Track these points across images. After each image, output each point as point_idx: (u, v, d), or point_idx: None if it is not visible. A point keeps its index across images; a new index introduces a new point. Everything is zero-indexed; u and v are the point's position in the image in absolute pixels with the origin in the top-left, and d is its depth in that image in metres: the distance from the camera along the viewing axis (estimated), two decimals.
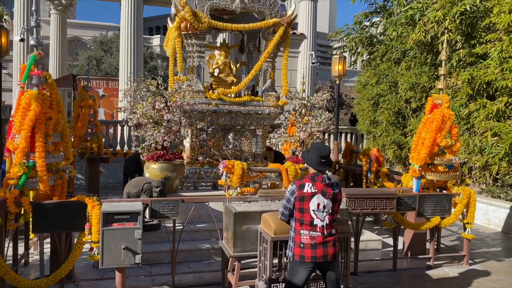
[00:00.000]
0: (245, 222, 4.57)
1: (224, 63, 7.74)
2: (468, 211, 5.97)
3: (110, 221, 4.29)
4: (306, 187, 3.72)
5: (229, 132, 7.23)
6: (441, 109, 5.92)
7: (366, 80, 13.06)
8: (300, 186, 3.72)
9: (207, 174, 7.06)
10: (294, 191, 3.73)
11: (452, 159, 6.01)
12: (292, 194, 3.74)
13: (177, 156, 6.44)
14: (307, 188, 3.72)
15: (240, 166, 5.01)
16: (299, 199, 3.71)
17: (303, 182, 3.76)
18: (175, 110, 6.14)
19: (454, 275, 5.70)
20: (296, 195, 3.71)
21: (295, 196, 3.72)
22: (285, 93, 7.02)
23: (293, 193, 3.74)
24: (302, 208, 3.72)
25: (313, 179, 3.77)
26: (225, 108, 6.98)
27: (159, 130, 5.99)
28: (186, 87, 6.42)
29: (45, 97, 4.48)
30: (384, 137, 12.17)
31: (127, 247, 4.30)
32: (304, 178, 3.81)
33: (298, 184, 3.74)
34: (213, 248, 5.89)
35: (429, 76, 10.46)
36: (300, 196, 3.70)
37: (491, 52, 8.34)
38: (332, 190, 3.86)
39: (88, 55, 27.70)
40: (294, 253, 3.83)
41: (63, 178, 4.71)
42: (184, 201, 4.88)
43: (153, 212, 4.76)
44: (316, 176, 3.80)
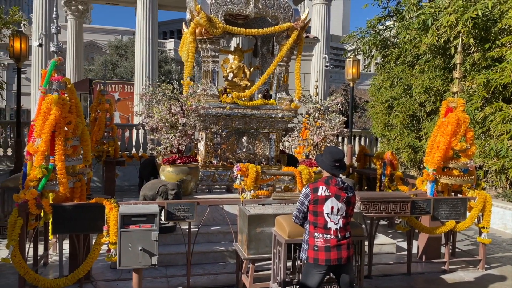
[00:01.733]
0: (259, 225, 4.62)
1: (238, 67, 7.84)
2: (483, 215, 5.93)
3: (127, 223, 4.38)
4: (320, 190, 3.75)
5: (243, 135, 7.30)
6: (456, 112, 5.90)
7: (380, 83, 13.02)
8: (314, 189, 3.76)
9: (221, 177, 7.13)
10: (308, 194, 3.77)
11: (467, 162, 5.97)
12: (306, 197, 3.77)
13: (192, 159, 6.53)
14: (321, 191, 3.75)
15: (254, 169, 5.06)
16: (313, 202, 3.75)
17: (317, 185, 3.79)
18: (190, 114, 6.23)
19: (469, 280, 5.66)
20: (310, 198, 3.75)
21: (309, 199, 3.76)
22: (298, 96, 7.06)
23: (307, 196, 3.77)
24: (316, 211, 3.76)
25: (327, 182, 3.80)
26: (239, 112, 7.05)
27: (174, 133, 6.08)
28: (201, 91, 6.50)
29: (65, 102, 4.60)
30: (399, 140, 12.12)
31: (143, 248, 4.38)
32: (318, 182, 3.85)
33: (312, 187, 3.78)
34: (227, 250, 5.95)
35: (443, 80, 10.40)
36: (314, 199, 3.74)
37: (507, 55, 8.27)
38: (346, 193, 3.90)
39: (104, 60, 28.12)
40: (308, 255, 3.86)
41: (82, 181, 4.83)
42: (199, 204, 4.95)
43: (169, 214, 4.85)
44: (330, 180, 3.83)
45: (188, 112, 6.30)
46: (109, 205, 4.57)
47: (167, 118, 6.12)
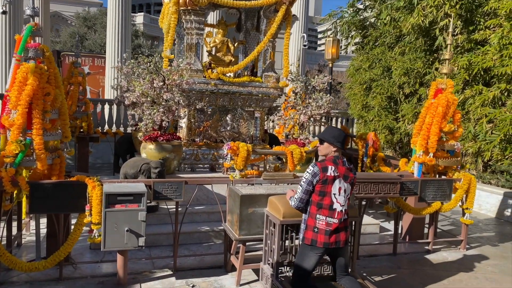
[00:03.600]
0: (251, 205, 4.46)
1: (222, 42, 7.53)
2: (467, 197, 6.00)
3: (113, 202, 4.14)
4: (329, 170, 3.60)
5: (227, 113, 7.06)
6: (445, 94, 5.87)
7: (359, 64, 12.96)
8: (323, 168, 3.60)
9: (204, 156, 6.90)
10: (316, 173, 3.59)
11: (455, 144, 5.99)
12: (314, 176, 3.59)
13: (175, 137, 6.26)
14: (330, 171, 3.60)
15: (245, 148, 4.87)
16: (322, 182, 3.58)
17: (325, 164, 3.63)
18: (173, 89, 5.93)
19: (452, 260, 5.74)
20: (319, 177, 3.58)
21: (318, 178, 3.58)
22: (286, 74, 6.86)
23: (315, 175, 3.59)
24: (323, 191, 3.60)
25: (335, 162, 3.66)
26: (224, 89, 6.80)
27: (157, 109, 5.77)
28: (185, 65, 6.19)
29: (43, 71, 4.23)
30: (376, 121, 12.17)
31: (130, 229, 4.17)
32: (325, 161, 3.69)
33: (321, 166, 3.60)
34: (213, 230, 5.79)
35: (424, 62, 10.42)
36: (324, 179, 3.58)
37: (491, 38, 8.32)
38: (353, 174, 3.79)
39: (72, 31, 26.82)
40: (305, 236, 3.74)
41: (61, 157, 4.50)
42: (187, 183, 4.73)
43: (156, 193, 4.61)
44: (337, 159, 3.69)
45: (171, 87, 5.99)
46: (91, 183, 4.28)
47: (149, 93, 5.80)
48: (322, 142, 3.77)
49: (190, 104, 6.39)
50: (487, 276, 5.21)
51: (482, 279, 5.10)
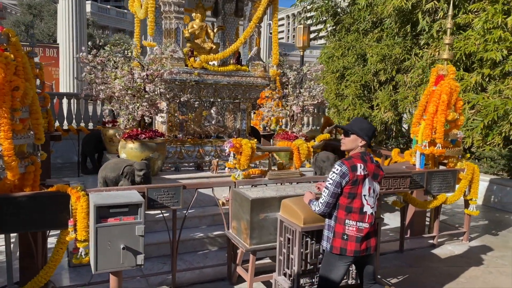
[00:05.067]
0: (262, 211, 3.95)
1: (200, 28, 6.89)
2: (471, 187, 5.79)
3: (105, 215, 3.48)
4: (358, 168, 3.14)
5: (211, 105, 6.46)
6: (447, 80, 5.59)
7: (332, 52, 12.66)
8: (352, 167, 3.13)
9: (189, 153, 6.28)
10: (345, 173, 3.11)
11: (457, 133, 5.75)
12: (343, 176, 3.12)
13: (158, 134, 5.60)
14: (360, 170, 3.14)
15: (249, 146, 4.33)
16: (352, 183, 3.13)
17: (353, 162, 3.16)
18: (157, 80, 5.26)
19: (459, 253, 5.52)
20: (348, 178, 3.11)
21: (347, 179, 3.11)
22: (276, 62, 6.34)
23: (343, 175, 3.12)
24: (354, 193, 3.15)
25: (363, 159, 3.21)
26: (208, 79, 6.18)
27: (140, 103, 5.09)
28: (169, 53, 5.52)
29: (9, 61, 3.46)
30: (351, 110, 11.94)
31: (127, 246, 3.52)
32: (351, 158, 3.23)
33: (349, 165, 3.13)
34: (207, 237, 5.23)
35: (402, 48, 10.23)
36: (354, 179, 3.12)
37: (475, 23, 8.20)
38: (383, 172, 3.37)
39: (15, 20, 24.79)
40: (334, 245, 3.27)
41: (35, 164, 3.76)
42: (186, 187, 4.13)
43: (150, 201, 3.98)
44: (365, 156, 3.25)
45: (153, 77, 5.31)
46: (75, 193, 3.60)
47: (130, 85, 5.10)
48: (348, 134, 3.31)
49: (174, 96, 5.72)
50: (500, 270, 5.01)
51: (496, 273, 4.89)
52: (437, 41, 9.08)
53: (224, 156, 6.44)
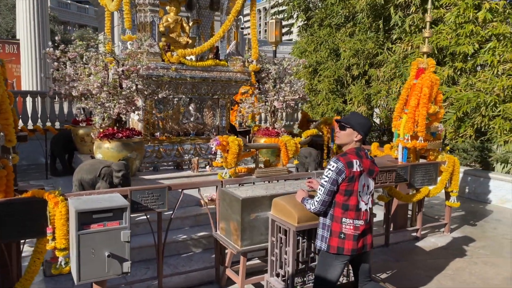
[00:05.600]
0: (253, 210, 3.80)
1: (175, 21, 6.63)
2: (452, 179, 5.85)
3: (87, 222, 3.24)
4: (354, 164, 3.05)
5: (189, 102, 6.23)
6: (428, 74, 5.61)
7: (304, 47, 12.63)
8: (348, 163, 3.03)
9: (167, 152, 6.04)
10: (341, 170, 3.01)
11: (438, 126, 5.79)
12: (339, 173, 3.01)
13: (135, 133, 5.34)
14: (355, 166, 3.05)
15: (236, 143, 4.15)
16: (348, 180, 3.03)
17: (349, 158, 3.06)
18: (134, 76, 4.99)
19: (443, 245, 5.57)
20: (344, 175, 3.01)
21: (343, 176, 3.01)
22: (255, 56, 6.17)
23: (340, 172, 3.01)
24: (350, 190, 3.05)
25: (359, 154, 3.12)
26: (186, 74, 5.94)
27: (117, 101, 4.81)
28: (147, 47, 5.26)
29: None
30: (325, 105, 11.96)
31: (112, 253, 3.30)
32: (347, 154, 3.12)
33: (345, 161, 3.03)
34: (191, 238, 5.03)
35: (375, 43, 10.30)
36: (350, 176, 3.02)
37: (447, 17, 8.31)
38: (378, 168, 3.30)
39: None
40: (330, 244, 3.17)
41: (7, 168, 3.46)
42: (171, 189, 3.93)
43: (134, 204, 3.76)
44: (360, 151, 3.16)
45: (129, 73, 5.05)
46: (53, 199, 3.33)
47: (105, 81, 4.82)
48: (344, 128, 3.20)
49: (152, 93, 5.47)
50: (484, 260, 5.07)
51: (481, 264, 4.95)
52: (410, 35, 9.18)
53: (204, 154, 6.26)
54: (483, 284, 4.42)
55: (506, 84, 7.79)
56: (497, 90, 7.90)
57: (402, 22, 9.21)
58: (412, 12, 9.14)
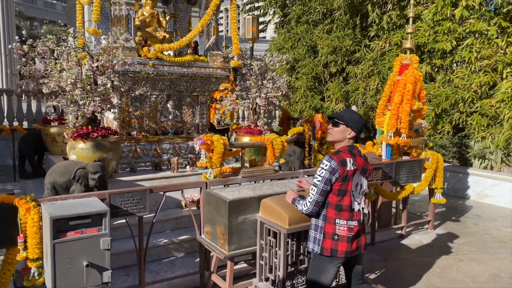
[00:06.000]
0: (241, 213, 3.61)
1: (151, 15, 6.34)
2: (436, 176, 5.82)
3: (64, 229, 2.98)
4: (348, 163, 2.91)
5: (168, 99, 5.98)
6: (412, 70, 5.56)
7: (281, 43, 12.49)
8: (342, 162, 2.89)
9: (145, 152, 5.77)
10: (335, 169, 2.86)
11: (422, 123, 5.75)
12: (333, 172, 2.86)
13: (111, 132, 5.06)
14: (349, 165, 2.91)
15: (221, 142, 3.95)
16: (342, 179, 2.89)
17: (342, 156, 2.92)
18: (110, 72, 4.71)
19: (428, 242, 5.54)
20: (338, 174, 2.87)
21: (337, 175, 2.87)
22: (237, 52, 5.97)
23: (333, 171, 2.86)
24: (344, 190, 2.92)
25: (352, 152, 2.99)
26: (164, 70, 5.69)
27: (92, 98, 4.52)
28: (123, 42, 4.98)
29: None
30: (303, 102, 11.87)
31: (91, 262, 3.05)
32: (339, 152, 2.98)
33: (338, 160, 2.89)
34: (172, 242, 4.80)
35: (353, 39, 10.26)
36: (344, 175, 2.88)
37: (425, 14, 8.33)
38: (371, 166, 3.18)
39: None
40: (324, 246, 3.03)
41: None
42: (152, 191, 3.70)
43: (113, 208, 3.51)
44: (353, 149, 3.03)
45: (105, 69, 4.76)
46: (24, 205, 3.06)
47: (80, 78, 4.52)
48: (337, 125, 3.06)
49: (129, 89, 5.19)
50: (469, 257, 5.06)
51: (467, 261, 4.93)
52: (388, 32, 9.18)
53: (184, 154, 6.02)
54: (471, 281, 4.39)
55: (483, 81, 7.88)
56: (475, 86, 7.98)
57: (380, 19, 9.20)
58: (390, 9, 9.13)
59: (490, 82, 7.88)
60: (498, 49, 7.80)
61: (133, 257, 4.49)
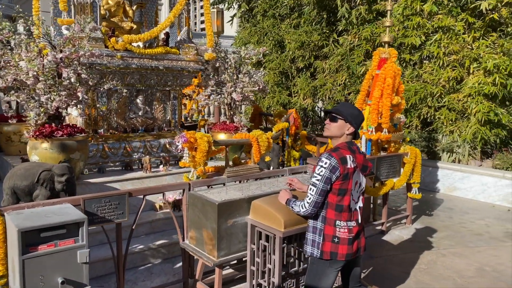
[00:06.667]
0: (230, 216, 3.34)
1: (117, 4, 5.92)
2: (414, 171, 5.79)
3: (33, 242, 2.62)
4: (348, 160, 2.71)
5: (137, 94, 5.59)
6: (391, 64, 5.48)
7: (247, 38, 12.22)
8: (342, 159, 2.68)
9: (113, 151, 5.36)
10: (335, 167, 2.65)
11: (401, 117, 5.70)
12: (333, 171, 2.65)
13: (78, 129, 4.63)
14: (349, 162, 2.71)
15: (205, 140, 3.63)
16: (343, 178, 2.68)
17: (342, 154, 2.71)
18: (76, 64, 4.29)
19: (409, 238, 5.50)
20: (339, 172, 2.66)
21: (338, 173, 2.66)
22: (211, 44, 5.66)
23: (334, 169, 2.65)
24: (344, 189, 2.72)
25: (351, 149, 2.79)
26: (134, 62, 5.30)
27: (58, 93, 4.08)
28: (89, 31, 4.54)
29: None
30: (270, 98, 11.69)
31: (66, 279, 2.69)
32: (339, 149, 2.77)
33: (338, 157, 2.67)
34: (149, 248, 4.46)
35: (321, 34, 10.16)
36: (344, 173, 2.68)
37: (394, 9, 8.33)
38: (371, 164, 3.00)
39: None
40: (323, 250, 2.82)
41: None
42: (132, 195, 3.36)
43: (89, 215, 3.13)
44: (352, 146, 2.83)
45: (70, 61, 4.33)
46: None
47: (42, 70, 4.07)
48: (335, 120, 2.84)
49: (98, 84, 4.76)
50: (451, 251, 5.05)
51: (449, 255, 4.91)
52: (357, 27, 9.13)
53: (155, 152, 5.66)
54: (458, 277, 4.35)
55: (451, 76, 7.99)
56: (443, 81, 8.08)
57: (349, 14, 9.13)
58: (358, 3, 9.07)
59: (458, 77, 8.01)
60: (465, 45, 7.93)
61: (107, 266, 4.14)
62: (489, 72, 7.46)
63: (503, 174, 7.15)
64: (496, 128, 7.71)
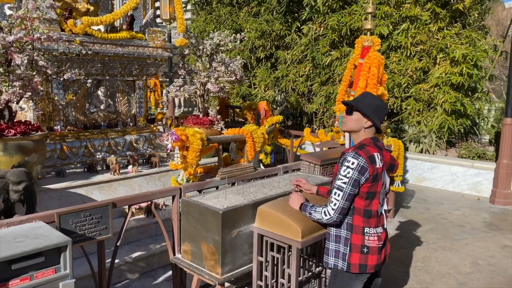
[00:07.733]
0: (236, 225, 2.89)
1: None
2: None
3: (3, 277, 2.00)
4: (376, 159, 2.33)
5: (98, 85, 4.91)
6: (375, 53, 5.22)
7: (203, 26, 11.60)
8: (370, 158, 2.29)
9: (73, 151, 4.66)
10: (364, 168, 2.26)
11: None
12: (362, 172, 2.26)
13: (34, 127, 3.92)
14: (378, 161, 2.34)
15: (198, 137, 3.10)
16: (372, 179, 2.31)
17: (369, 152, 2.32)
18: (30, 50, 3.58)
19: (397, 233, 5.34)
20: (368, 174, 2.27)
21: (367, 175, 2.27)
22: (182, 29, 5.09)
23: (363, 170, 2.26)
24: (373, 192, 2.35)
25: (378, 146, 2.42)
26: (95, 48, 4.62)
27: (10, 83, 3.37)
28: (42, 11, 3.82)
29: None
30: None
31: None
32: (365, 146, 2.38)
33: (366, 156, 2.28)
34: (125, 262, 3.88)
35: (283, 23, 9.81)
36: (374, 174, 2.30)
37: None
38: (398, 162, 2.66)
39: None
40: (351, 262, 2.45)
41: None
42: (116, 206, 2.79)
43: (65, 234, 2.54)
44: (377, 142, 2.46)
45: (22, 45, 3.62)
46: None
47: None
48: (350, 112, 2.46)
49: (56, 72, 4.04)
50: (440, 245, 4.92)
51: (440, 250, 4.78)
52: (322, 16, 8.86)
53: (121, 151, 5.03)
54: (457, 273, 4.20)
55: (418, 66, 7.96)
56: (410, 71, 8.04)
57: (315, 1, 8.83)
58: None
59: (425, 67, 8.00)
60: (431, 35, 7.92)
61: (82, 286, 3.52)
62: (456, 62, 7.48)
63: (472, 164, 7.23)
64: (461, 118, 7.79)
